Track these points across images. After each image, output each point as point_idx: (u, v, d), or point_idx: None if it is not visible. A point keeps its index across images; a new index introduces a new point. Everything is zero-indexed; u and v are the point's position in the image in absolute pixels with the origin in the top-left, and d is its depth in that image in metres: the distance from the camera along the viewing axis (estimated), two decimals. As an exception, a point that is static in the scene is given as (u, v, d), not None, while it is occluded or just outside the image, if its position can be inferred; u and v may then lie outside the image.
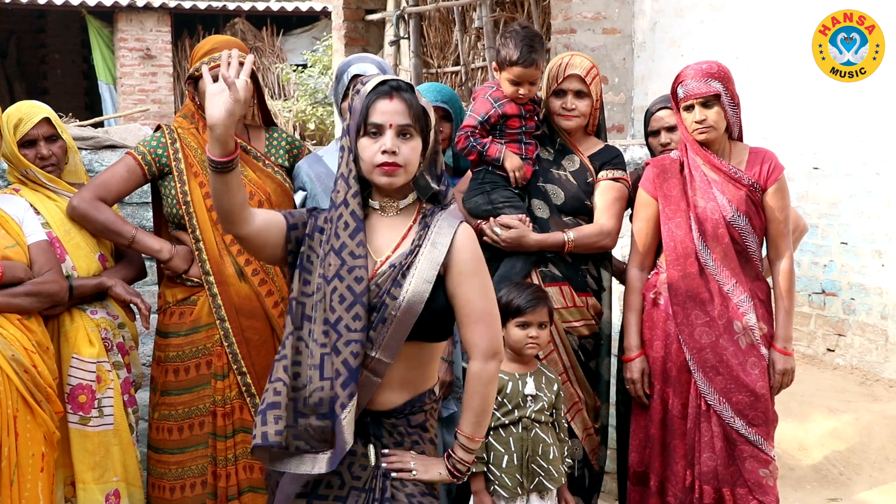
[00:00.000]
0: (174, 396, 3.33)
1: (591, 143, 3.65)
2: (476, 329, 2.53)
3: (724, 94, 3.37)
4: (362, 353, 2.44)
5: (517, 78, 3.48)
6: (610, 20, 7.68)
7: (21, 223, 3.16)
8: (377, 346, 2.47)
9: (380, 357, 2.47)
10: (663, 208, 3.49)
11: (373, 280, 2.49)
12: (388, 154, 2.46)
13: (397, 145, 2.47)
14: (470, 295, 2.52)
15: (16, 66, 16.78)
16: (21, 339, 3.02)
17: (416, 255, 2.50)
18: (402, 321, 2.46)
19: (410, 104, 2.49)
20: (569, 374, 3.52)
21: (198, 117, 3.41)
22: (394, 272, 2.48)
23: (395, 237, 2.55)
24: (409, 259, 2.49)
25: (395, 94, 2.49)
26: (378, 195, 2.56)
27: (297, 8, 16.16)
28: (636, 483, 3.56)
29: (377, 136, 2.48)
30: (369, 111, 2.48)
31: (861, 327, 6.07)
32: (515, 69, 3.46)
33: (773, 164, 3.44)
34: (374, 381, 2.49)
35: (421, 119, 2.51)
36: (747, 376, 3.39)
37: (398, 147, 2.47)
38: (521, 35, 3.48)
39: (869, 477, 4.73)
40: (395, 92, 2.49)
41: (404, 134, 2.48)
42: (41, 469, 3.04)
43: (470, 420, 2.57)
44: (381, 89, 2.50)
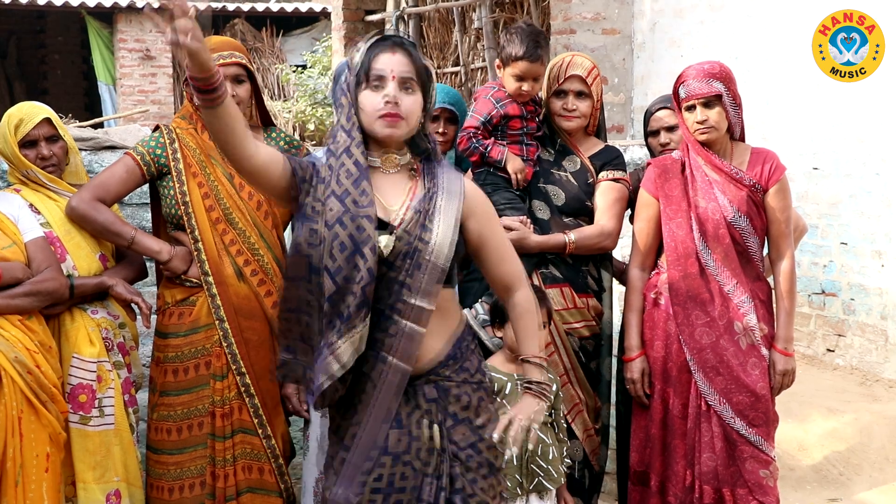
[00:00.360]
0: (173, 397, 3.32)
1: (592, 144, 3.65)
2: (513, 261, 2.68)
3: (725, 94, 3.37)
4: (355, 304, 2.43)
5: (522, 73, 3.48)
6: (609, 20, 7.68)
7: (16, 221, 3.16)
8: (416, 291, 2.50)
9: (420, 304, 2.50)
10: (664, 208, 3.49)
11: (400, 227, 2.52)
12: (390, 104, 2.48)
13: (399, 96, 2.50)
14: (499, 233, 2.68)
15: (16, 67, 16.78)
16: (23, 340, 3.02)
17: (435, 201, 2.56)
18: (436, 264, 2.51)
19: (413, 57, 2.53)
20: (569, 375, 3.52)
21: (196, 118, 3.40)
22: (419, 217, 2.53)
23: (404, 188, 2.59)
24: (430, 205, 2.55)
25: (397, 47, 2.53)
26: (377, 150, 2.58)
27: (297, 9, 16.16)
28: (637, 483, 3.56)
29: (379, 87, 2.50)
30: (371, 62, 2.51)
31: (861, 327, 6.07)
32: (521, 64, 3.47)
33: (775, 165, 3.44)
34: (419, 331, 2.51)
35: (422, 74, 2.55)
36: (748, 377, 3.39)
37: (400, 98, 2.50)
38: (526, 31, 3.50)
39: (869, 477, 4.73)
40: (396, 46, 2.53)
41: (406, 87, 2.52)
42: (46, 469, 3.04)
43: (532, 342, 2.69)
44: (383, 43, 2.54)
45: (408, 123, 2.53)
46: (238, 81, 3.34)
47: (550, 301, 3.37)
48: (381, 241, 2.49)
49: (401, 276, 2.51)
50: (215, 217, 3.31)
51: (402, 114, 2.50)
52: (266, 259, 3.34)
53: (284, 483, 3.36)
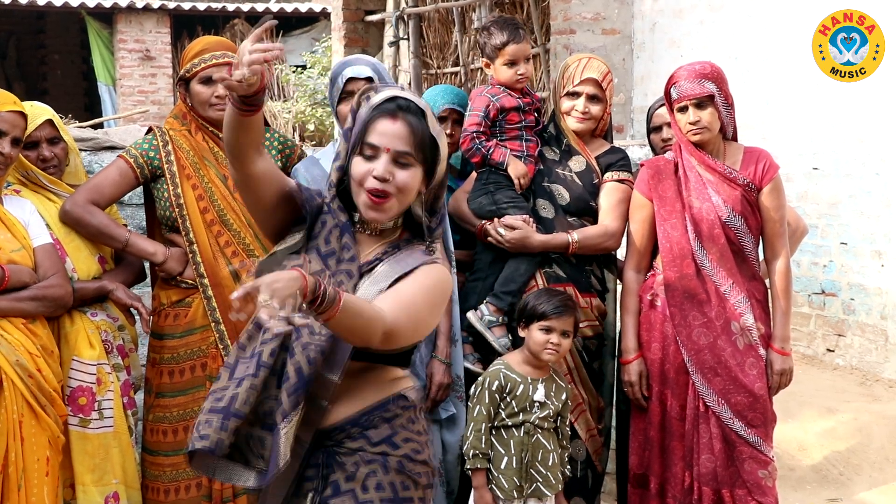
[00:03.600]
0: (169, 398, 3.32)
1: (598, 145, 3.65)
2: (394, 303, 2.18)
3: (717, 94, 3.36)
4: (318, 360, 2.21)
5: (513, 57, 3.52)
6: (609, 21, 7.68)
7: (27, 226, 3.15)
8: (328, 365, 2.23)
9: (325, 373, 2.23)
10: (658, 209, 3.48)
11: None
12: (380, 180, 2.23)
13: (391, 171, 2.24)
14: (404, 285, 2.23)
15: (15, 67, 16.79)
16: (25, 344, 3.01)
17: (371, 270, 2.29)
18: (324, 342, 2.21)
19: (414, 129, 2.25)
20: (573, 374, 3.52)
21: (190, 118, 3.40)
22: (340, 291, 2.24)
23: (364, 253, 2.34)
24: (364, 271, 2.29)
25: (400, 114, 2.25)
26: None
27: (297, 9, 16.16)
28: (636, 486, 3.55)
29: (372, 158, 2.25)
30: (368, 129, 2.25)
31: (861, 327, 6.07)
32: (509, 48, 3.51)
33: (768, 164, 3.43)
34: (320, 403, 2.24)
35: (426, 147, 2.27)
36: (745, 377, 3.38)
37: (392, 173, 2.24)
38: (500, 20, 3.58)
39: (869, 477, 4.73)
40: (400, 112, 2.26)
41: (402, 162, 2.25)
42: (46, 473, 3.03)
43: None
44: (385, 107, 2.26)
45: (399, 200, 2.26)
46: (232, 82, 3.33)
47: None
48: None
49: None
50: (210, 219, 3.31)
51: (392, 190, 2.24)
52: (262, 260, 3.33)
53: (283, 484, 3.36)
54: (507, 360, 3.33)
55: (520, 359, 3.32)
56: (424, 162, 2.28)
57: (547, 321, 3.22)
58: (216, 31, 15.18)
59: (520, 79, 3.55)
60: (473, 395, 3.28)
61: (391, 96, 2.28)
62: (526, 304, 3.30)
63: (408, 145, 2.25)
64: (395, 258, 2.30)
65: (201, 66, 3.31)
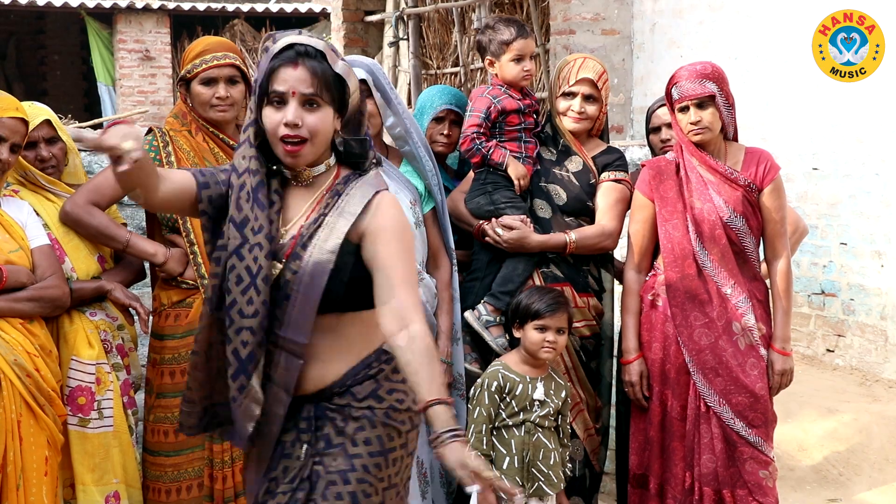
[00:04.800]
0: (170, 399, 3.31)
1: (595, 145, 3.66)
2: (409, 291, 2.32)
3: (718, 94, 3.36)
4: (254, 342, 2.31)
5: (520, 52, 3.52)
6: (609, 21, 7.68)
7: (24, 226, 3.15)
8: (285, 324, 2.33)
9: (290, 336, 2.33)
10: (660, 210, 3.48)
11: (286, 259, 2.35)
12: (290, 126, 2.30)
13: (301, 116, 2.31)
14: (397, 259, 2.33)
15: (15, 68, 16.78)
16: (24, 343, 3.01)
17: (320, 226, 2.35)
18: (306, 296, 2.31)
19: (316, 71, 2.31)
20: (571, 374, 3.52)
21: (190, 118, 3.39)
22: (294, 244, 2.35)
23: (303, 207, 2.41)
24: (311, 229, 2.35)
25: (300, 60, 2.32)
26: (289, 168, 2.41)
27: (297, 9, 16.16)
28: (636, 486, 3.55)
29: (281, 105, 2.32)
30: (271, 79, 2.32)
31: (860, 328, 6.07)
32: (516, 44, 3.51)
33: (769, 164, 3.43)
34: (295, 362, 2.35)
35: (333, 87, 2.34)
36: (747, 377, 3.38)
37: (302, 118, 2.31)
38: (504, 18, 3.60)
39: (868, 477, 4.73)
40: (300, 58, 2.32)
41: (311, 103, 2.32)
42: (45, 473, 3.03)
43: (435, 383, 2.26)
44: (286, 55, 2.33)
45: (314, 142, 2.34)
46: (232, 82, 3.33)
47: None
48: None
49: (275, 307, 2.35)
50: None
51: (305, 134, 2.32)
52: (263, 260, 3.33)
53: (283, 484, 3.36)
54: (505, 360, 3.34)
55: (517, 359, 3.32)
56: (333, 102, 2.35)
57: (541, 320, 3.22)
58: (216, 32, 15.17)
59: (525, 75, 3.55)
60: (473, 396, 3.28)
61: (289, 44, 2.35)
62: (518, 304, 3.30)
63: (312, 87, 2.31)
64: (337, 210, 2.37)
65: (202, 67, 3.31)
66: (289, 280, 2.34)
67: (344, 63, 2.39)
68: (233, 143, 3.39)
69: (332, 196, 2.39)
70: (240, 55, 3.40)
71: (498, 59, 3.56)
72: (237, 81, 3.36)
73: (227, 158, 3.38)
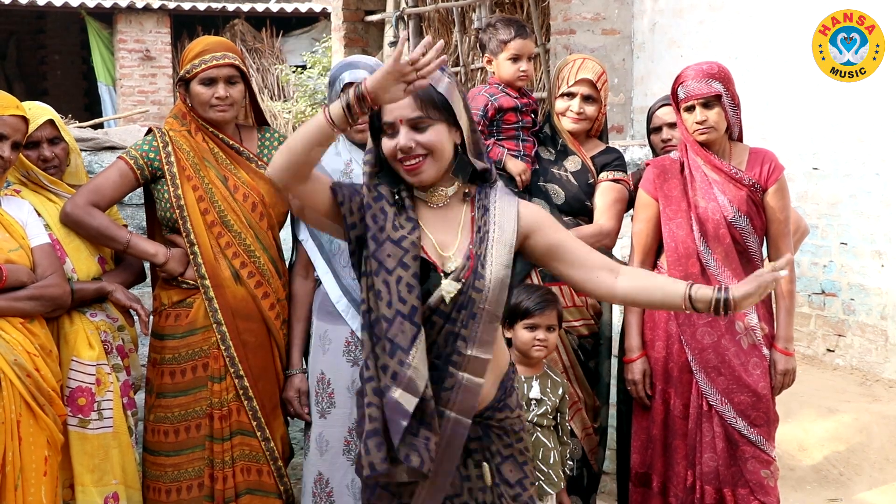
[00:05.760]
0: (170, 399, 3.32)
1: (593, 145, 3.67)
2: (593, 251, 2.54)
3: (724, 94, 3.37)
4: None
5: (518, 52, 3.55)
6: (609, 21, 7.68)
7: (25, 226, 3.15)
8: (472, 343, 2.40)
9: (477, 355, 2.41)
10: (664, 209, 3.49)
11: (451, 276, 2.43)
12: (405, 151, 2.40)
13: (413, 139, 2.40)
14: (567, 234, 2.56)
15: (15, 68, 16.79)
16: (24, 343, 3.01)
17: (488, 242, 2.45)
18: (492, 312, 2.42)
19: (416, 95, 2.38)
20: (569, 373, 3.53)
21: (189, 119, 3.39)
22: (473, 264, 2.43)
23: (456, 227, 2.50)
24: (483, 248, 2.44)
25: None
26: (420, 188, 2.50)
27: (297, 9, 16.16)
28: (638, 484, 3.56)
29: (394, 134, 2.42)
30: (381, 111, 2.42)
31: (861, 328, 6.07)
32: (514, 43, 3.54)
33: (774, 165, 3.44)
34: (478, 382, 2.43)
35: (437, 105, 2.41)
36: (749, 377, 3.39)
37: (414, 140, 2.40)
38: (505, 18, 3.62)
39: (869, 477, 4.73)
40: None
41: (419, 127, 2.41)
42: (44, 473, 3.03)
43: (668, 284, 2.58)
44: None
45: (435, 158, 2.43)
46: (231, 82, 3.33)
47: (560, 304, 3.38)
48: (446, 287, 2.43)
49: (456, 327, 2.42)
50: (210, 220, 3.30)
51: (422, 151, 2.41)
52: (262, 261, 3.33)
53: (284, 485, 3.36)
54: None
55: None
56: (443, 119, 2.43)
57: (531, 318, 3.21)
58: (216, 31, 15.18)
59: (521, 76, 3.57)
60: None
61: None
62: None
63: (416, 110, 2.40)
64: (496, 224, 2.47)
65: (202, 67, 3.31)
66: (474, 300, 2.42)
67: (449, 82, 2.45)
68: (232, 143, 3.39)
69: (481, 212, 2.50)
70: (239, 55, 3.39)
71: (496, 57, 3.60)
72: (236, 81, 3.35)
73: (227, 159, 3.38)
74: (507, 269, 2.44)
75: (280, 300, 3.36)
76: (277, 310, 3.35)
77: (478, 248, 2.44)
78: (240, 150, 3.40)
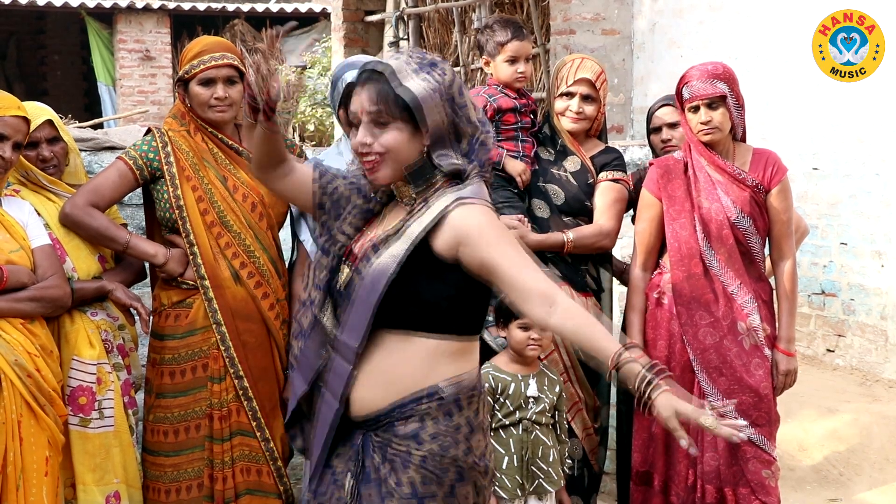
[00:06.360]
0: (170, 399, 3.32)
1: (593, 145, 3.67)
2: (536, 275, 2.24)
3: (729, 95, 3.37)
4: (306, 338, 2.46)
5: (515, 54, 3.55)
6: (609, 21, 7.68)
7: (25, 226, 3.15)
8: (344, 325, 2.34)
9: (345, 340, 2.32)
10: (667, 209, 3.49)
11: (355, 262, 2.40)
12: (361, 146, 2.33)
13: (371, 134, 2.31)
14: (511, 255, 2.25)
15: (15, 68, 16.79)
16: (24, 343, 3.01)
17: (399, 232, 2.32)
18: (364, 300, 2.28)
19: (379, 90, 2.30)
20: (569, 373, 3.52)
21: (188, 119, 3.39)
22: (364, 250, 2.36)
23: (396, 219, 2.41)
24: (388, 235, 2.34)
25: (363, 84, 2.35)
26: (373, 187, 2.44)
27: (297, 9, 16.17)
28: (639, 483, 3.56)
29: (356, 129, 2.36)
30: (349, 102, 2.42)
31: (861, 328, 6.07)
32: (511, 45, 3.54)
33: (777, 166, 3.44)
34: (345, 367, 2.33)
35: (398, 104, 2.29)
36: (751, 377, 3.39)
37: (372, 137, 2.31)
38: (502, 19, 3.61)
39: (869, 477, 4.73)
40: (363, 82, 2.35)
41: (380, 122, 2.31)
42: (45, 473, 3.03)
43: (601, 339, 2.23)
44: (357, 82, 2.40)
45: (392, 158, 2.31)
46: (230, 83, 3.33)
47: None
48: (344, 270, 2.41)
49: (342, 309, 2.38)
50: (210, 220, 3.30)
51: (379, 149, 2.31)
52: (262, 261, 3.33)
53: (283, 485, 3.36)
54: (495, 361, 3.33)
55: (507, 359, 3.32)
56: (406, 119, 2.31)
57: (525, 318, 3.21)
58: (216, 32, 15.17)
59: (519, 77, 3.57)
60: None
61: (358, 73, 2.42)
62: (501, 304, 3.29)
63: (375, 104, 2.31)
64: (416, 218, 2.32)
65: (201, 68, 3.30)
66: (354, 282, 2.34)
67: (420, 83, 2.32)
68: (231, 144, 3.39)
69: (419, 206, 2.35)
70: (238, 55, 3.39)
71: (493, 59, 3.60)
72: (235, 82, 3.35)
73: (227, 159, 3.38)
74: (394, 259, 2.25)
75: (280, 300, 3.36)
76: (277, 310, 3.35)
77: (383, 235, 2.35)
78: (239, 150, 3.40)
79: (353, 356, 2.32)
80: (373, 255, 2.31)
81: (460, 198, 2.29)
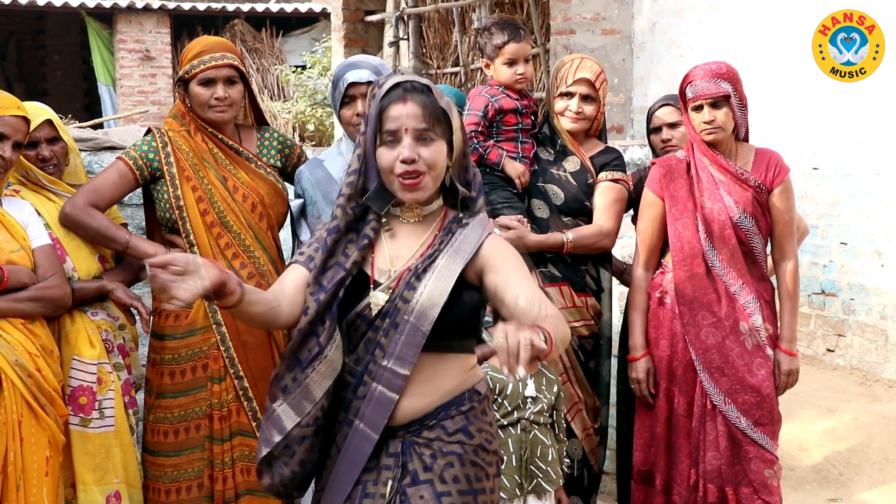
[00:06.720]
0: (170, 399, 3.32)
1: (592, 145, 3.67)
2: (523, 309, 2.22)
3: (733, 95, 3.37)
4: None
5: (513, 56, 3.54)
6: (609, 21, 7.68)
7: (26, 227, 3.15)
8: (390, 354, 2.30)
9: (392, 367, 2.29)
10: (670, 209, 3.49)
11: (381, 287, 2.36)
12: (408, 163, 2.30)
13: (417, 151, 2.31)
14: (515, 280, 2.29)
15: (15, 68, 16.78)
16: (25, 344, 3.01)
17: (435, 260, 2.34)
18: (415, 326, 2.29)
19: (426, 105, 2.32)
20: (569, 374, 3.52)
21: (189, 119, 3.39)
22: (409, 276, 2.33)
23: (417, 242, 2.41)
24: (426, 264, 2.34)
25: (408, 96, 2.32)
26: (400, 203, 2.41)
27: (297, 9, 16.16)
28: (641, 482, 3.56)
29: (394, 143, 2.32)
30: (383, 118, 2.33)
31: (861, 328, 6.07)
32: (509, 47, 3.53)
33: (780, 166, 3.44)
34: (390, 397, 2.30)
35: (442, 121, 2.34)
36: (753, 377, 3.39)
37: (418, 153, 2.31)
38: (501, 21, 3.61)
39: (869, 477, 4.73)
40: (408, 94, 2.33)
41: (424, 138, 2.32)
42: (46, 473, 3.03)
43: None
44: (393, 94, 2.34)
45: (432, 176, 2.34)
46: (230, 83, 3.33)
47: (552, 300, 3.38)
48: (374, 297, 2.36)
49: (378, 335, 2.34)
50: (210, 220, 3.31)
51: (423, 168, 2.31)
52: (262, 261, 3.33)
53: (284, 485, 3.36)
54: (492, 362, 3.31)
55: None
56: (444, 135, 2.35)
57: None
58: (216, 32, 15.18)
59: (519, 79, 3.57)
60: None
61: (395, 83, 2.36)
62: None
63: (424, 121, 2.32)
64: (452, 248, 2.36)
65: (201, 68, 3.31)
66: (399, 308, 2.32)
67: (448, 100, 2.39)
68: (231, 144, 3.39)
69: (445, 234, 2.39)
70: (238, 55, 3.40)
71: (493, 61, 3.59)
72: (235, 82, 3.36)
73: (227, 159, 3.38)
74: (446, 291, 2.29)
75: (280, 301, 3.36)
76: (277, 310, 3.34)
77: (420, 263, 2.34)
78: (239, 150, 3.40)
79: (401, 383, 2.31)
80: (416, 283, 2.32)
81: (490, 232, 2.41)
